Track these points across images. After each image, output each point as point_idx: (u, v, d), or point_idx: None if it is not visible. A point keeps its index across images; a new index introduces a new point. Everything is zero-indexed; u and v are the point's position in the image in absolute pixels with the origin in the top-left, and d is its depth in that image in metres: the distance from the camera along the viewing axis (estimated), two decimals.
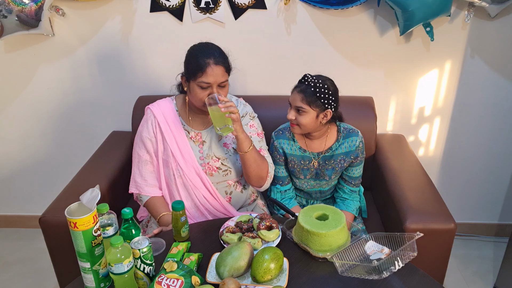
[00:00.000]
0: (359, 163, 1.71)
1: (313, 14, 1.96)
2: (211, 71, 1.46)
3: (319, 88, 1.53)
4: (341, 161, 1.68)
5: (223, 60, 1.50)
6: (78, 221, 1.04)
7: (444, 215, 1.52)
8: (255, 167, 1.56)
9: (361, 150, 1.68)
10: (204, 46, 1.54)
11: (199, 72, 1.47)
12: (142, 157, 1.63)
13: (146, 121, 1.63)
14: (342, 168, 1.71)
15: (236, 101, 1.70)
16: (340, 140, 1.67)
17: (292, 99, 1.58)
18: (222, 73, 1.49)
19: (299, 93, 1.56)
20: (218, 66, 1.47)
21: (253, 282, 1.15)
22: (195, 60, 1.49)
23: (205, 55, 1.48)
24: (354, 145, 1.66)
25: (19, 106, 2.24)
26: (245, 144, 1.51)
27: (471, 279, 2.12)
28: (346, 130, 1.69)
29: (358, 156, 1.68)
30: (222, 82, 1.50)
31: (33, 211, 2.52)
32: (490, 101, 2.10)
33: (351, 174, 1.72)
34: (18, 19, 1.87)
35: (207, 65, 1.46)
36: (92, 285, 1.13)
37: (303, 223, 1.27)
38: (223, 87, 1.52)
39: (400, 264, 1.17)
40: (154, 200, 1.62)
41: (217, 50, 1.52)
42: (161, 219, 1.58)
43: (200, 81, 1.48)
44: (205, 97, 1.49)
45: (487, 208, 2.36)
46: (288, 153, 1.70)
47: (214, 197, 1.62)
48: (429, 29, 1.87)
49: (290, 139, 1.70)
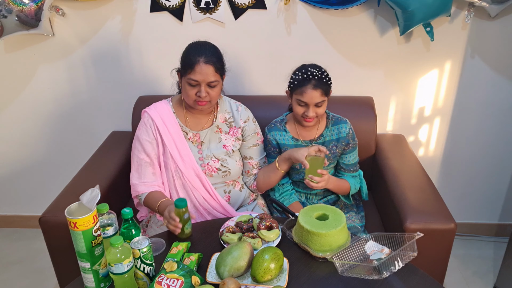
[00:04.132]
0: (352, 150, 1.74)
1: (313, 14, 1.96)
2: (199, 69, 1.47)
3: (325, 76, 1.58)
4: (333, 147, 1.71)
5: (214, 60, 1.50)
6: (78, 221, 1.04)
7: (444, 215, 1.52)
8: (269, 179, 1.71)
9: (352, 136, 1.72)
10: (199, 44, 1.55)
11: (189, 69, 1.49)
12: (142, 160, 1.60)
13: (144, 124, 1.62)
14: (335, 155, 1.73)
15: (235, 104, 1.71)
16: (330, 127, 1.72)
17: (310, 98, 1.58)
18: (211, 73, 1.49)
19: (314, 89, 1.56)
20: (208, 65, 1.48)
21: (253, 282, 1.15)
22: (187, 57, 1.51)
23: (196, 52, 1.49)
24: (345, 132, 1.70)
25: (19, 106, 2.24)
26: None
27: (471, 279, 2.12)
28: (334, 117, 1.74)
29: (349, 142, 1.71)
30: (211, 81, 1.50)
31: (33, 211, 2.52)
32: (490, 101, 2.10)
33: (346, 161, 1.75)
34: (18, 19, 1.87)
35: (196, 62, 1.47)
36: (92, 285, 1.13)
37: (303, 223, 1.27)
38: (213, 87, 1.52)
39: (400, 264, 1.17)
40: (153, 194, 1.59)
41: (210, 49, 1.52)
42: (161, 205, 1.52)
43: (188, 78, 1.50)
44: (193, 94, 1.52)
45: (487, 208, 2.36)
46: (281, 143, 1.73)
47: (214, 197, 1.62)
48: (429, 29, 1.87)
49: (282, 130, 1.74)
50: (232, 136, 1.67)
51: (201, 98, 1.52)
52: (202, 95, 1.50)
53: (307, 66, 1.61)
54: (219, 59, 1.53)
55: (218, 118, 1.66)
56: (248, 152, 1.71)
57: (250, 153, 1.71)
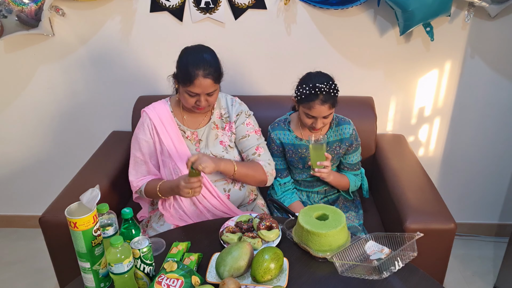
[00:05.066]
0: (355, 150, 1.76)
1: (313, 14, 1.96)
2: (199, 83, 1.48)
3: (333, 88, 1.57)
4: (337, 147, 1.73)
5: (213, 71, 1.49)
6: (78, 221, 1.04)
7: (444, 215, 1.52)
8: (251, 178, 1.63)
9: (355, 137, 1.74)
10: (195, 52, 1.53)
11: (188, 82, 1.49)
12: (138, 158, 1.65)
13: (142, 124, 1.64)
14: (338, 155, 1.75)
15: (232, 100, 1.71)
16: (333, 127, 1.73)
17: (318, 112, 1.58)
18: (210, 85, 1.50)
19: (323, 104, 1.56)
20: (207, 78, 1.48)
21: (253, 282, 1.15)
22: (185, 68, 1.49)
23: (195, 65, 1.47)
24: (348, 133, 1.72)
25: (19, 106, 2.24)
26: (228, 172, 1.56)
27: (471, 279, 2.12)
28: (338, 118, 1.75)
29: (352, 143, 1.73)
30: (210, 92, 1.52)
31: (33, 211, 2.52)
32: (490, 101, 2.10)
33: (349, 161, 1.77)
34: (18, 19, 1.87)
35: (195, 76, 1.47)
36: (92, 285, 1.13)
37: (303, 223, 1.27)
38: (211, 95, 1.54)
39: (400, 264, 1.17)
40: (150, 182, 1.63)
41: (208, 58, 1.51)
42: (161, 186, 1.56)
43: (188, 90, 1.51)
44: (193, 102, 1.54)
45: (487, 208, 2.36)
46: (285, 143, 1.74)
47: (213, 195, 1.62)
48: (429, 29, 1.87)
49: (285, 129, 1.75)
50: (228, 132, 1.68)
51: (201, 106, 1.54)
52: (202, 104, 1.53)
53: (314, 79, 1.58)
54: (217, 69, 1.53)
55: (215, 115, 1.67)
56: (239, 145, 1.70)
57: (241, 146, 1.69)
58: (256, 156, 1.66)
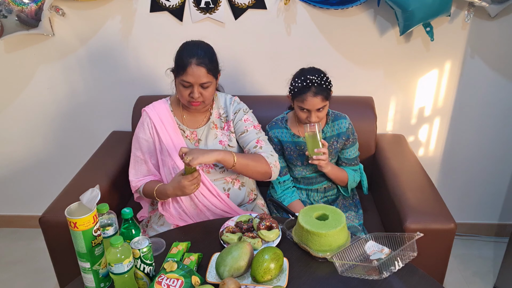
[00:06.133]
0: (352, 144, 1.77)
1: (313, 14, 1.96)
2: (191, 71, 1.48)
3: (324, 81, 1.58)
4: (334, 142, 1.74)
5: (207, 61, 1.50)
6: (78, 221, 1.04)
7: (444, 215, 1.52)
8: (252, 169, 1.55)
9: (351, 131, 1.76)
10: (192, 44, 1.56)
11: (181, 71, 1.50)
12: (138, 157, 1.65)
13: (142, 123, 1.65)
14: (336, 150, 1.76)
15: (230, 99, 1.71)
16: (330, 123, 1.74)
17: (311, 105, 1.59)
18: (204, 74, 1.50)
19: (315, 96, 1.58)
20: (200, 67, 1.48)
21: (253, 282, 1.15)
22: (179, 58, 1.52)
23: (189, 54, 1.50)
24: (345, 127, 1.73)
25: (19, 106, 2.24)
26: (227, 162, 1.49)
27: (471, 279, 2.12)
28: (334, 113, 1.77)
29: (349, 137, 1.75)
30: (204, 83, 1.51)
31: (33, 211, 2.52)
32: (490, 101, 2.10)
33: (347, 156, 1.79)
34: (18, 19, 1.87)
35: (188, 64, 1.48)
36: (92, 285, 1.13)
37: (303, 223, 1.27)
38: (206, 88, 1.53)
39: (400, 264, 1.17)
40: (148, 183, 1.63)
41: (203, 50, 1.52)
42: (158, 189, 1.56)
43: (181, 79, 1.51)
44: (187, 95, 1.53)
45: (487, 208, 2.36)
46: (283, 140, 1.75)
47: (213, 194, 1.62)
48: (429, 29, 1.87)
49: (283, 127, 1.76)
50: (226, 131, 1.67)
51: (194, 99, 1.53)
52: (195, 96, 1.52)
53: (306, 72, 1.62)
54: (212, 60, 1.53)
55: (213, 114, 1.67)
56: (240, 141, 1.68)
57: (242, 142, 1.68)
58: (257, 149, 1.62)
